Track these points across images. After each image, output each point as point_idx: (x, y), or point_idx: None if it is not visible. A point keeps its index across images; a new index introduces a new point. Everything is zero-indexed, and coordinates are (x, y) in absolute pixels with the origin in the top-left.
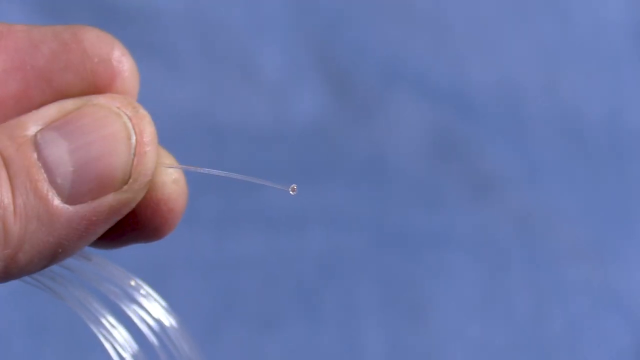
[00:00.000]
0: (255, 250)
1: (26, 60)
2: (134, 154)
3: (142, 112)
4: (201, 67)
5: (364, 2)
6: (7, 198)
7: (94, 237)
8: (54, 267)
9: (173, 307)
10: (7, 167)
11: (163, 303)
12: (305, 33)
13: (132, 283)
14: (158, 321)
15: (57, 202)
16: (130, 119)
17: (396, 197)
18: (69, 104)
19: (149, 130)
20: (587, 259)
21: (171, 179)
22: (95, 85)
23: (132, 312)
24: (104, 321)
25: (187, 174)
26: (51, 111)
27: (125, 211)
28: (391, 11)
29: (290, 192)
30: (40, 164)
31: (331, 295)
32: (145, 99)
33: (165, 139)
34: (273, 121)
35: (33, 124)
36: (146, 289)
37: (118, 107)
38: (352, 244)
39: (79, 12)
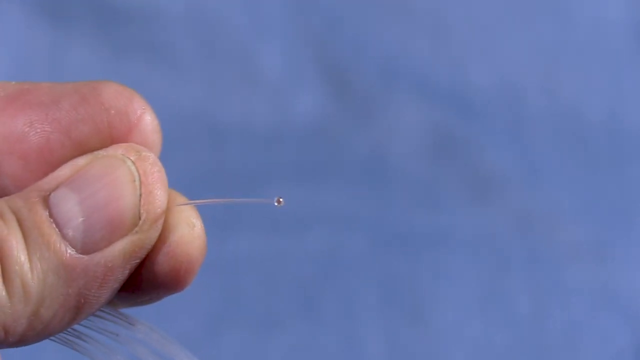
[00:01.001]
0: (255, 250)
1: (48, 114)
2: (140, 195)
3: (146, 154)
4: (201, 67)
5: (364, 2)
6: (23, 256)
7: (116, 285)
8: (100, 337)
9: (173, 307)
10: (21, 226)
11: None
12: (305, 33)
13: (182, 355)
14: None
15: (71, 253)
16: (133, 162)
17: (396, 197)
18: (81, 161)
19: (153, 170)
20: (587, 259)
21: (186, 222)
22: (112, 137)
23: None
24: None
25: (186, 175)
26: (65, 171)
27: (142, 254)
28: (391, 11)
29: (276, 204)
30: (51, 220)
31: (331, 295)
32: (145, 99)
33: (165, 139)
34: (273, 121)
35: (47, 184)
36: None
37: (122, 154)
38: (352, 244)
39: (79, 12)
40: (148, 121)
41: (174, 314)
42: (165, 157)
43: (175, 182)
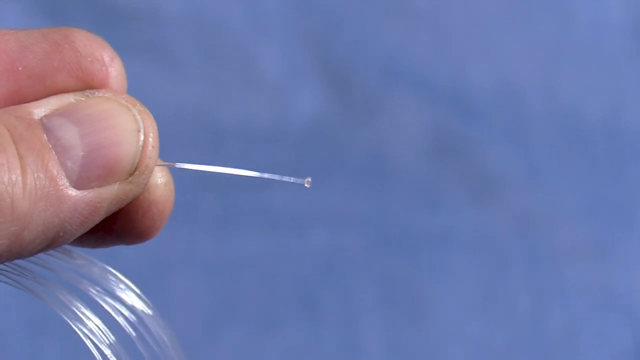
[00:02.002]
0: (255, 250)
1: (16, 62)
2: (142, 147)
3: (147, 109)
4: (201, 67)
5: (363, 2)
6: (17, 175)
7: (92, 225)
8: (40, 269)
9: (173, 307)
10: (16, 145)
11: (137, 290)
12: (305, 33)
13: (107, 275)
14: (132, 309)
15: (66, 184)
16: (139, 112)
17: (396, 197)
18: (70, 96)
19: (155, 128)
20: (587, 259)
21: (162, 182)
22: (89, 84)
23: (105, 302)
24: (78, 313)
25: (186, 174)
26: (52, 101)
27: (125, 203)
28: (391, 11)
29: (306, 185)
30: (50, 146)
31: (331, 295)
32: (145, 99)
33: (165, 139)
34: (273, 121)
35: (36, 109)
36: (120, 277)
37: (126, 101)
38: (352, 244)
39: (79, 12)
40: (118, 67)
41: (173, 313)
42: (165, 157)
43: (175, 182)
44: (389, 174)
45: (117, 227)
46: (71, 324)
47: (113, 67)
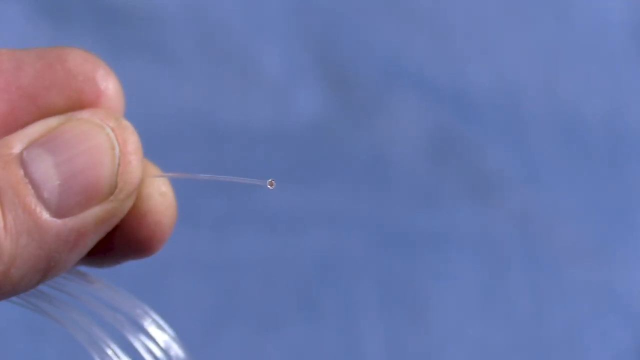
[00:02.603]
0: (255, 250)
1: (10, 81)
2: (119, 164)
3: (125, 123)
4: (201, 67)
5: (364, 2)
6: None
7: (85, 250)
8: (55, 293)
9: (173, 307)
10: None
11: (171, 332)
12: (305, 33)
13: (139, 310)
14: (165, 352)
15: (45, 215)
16: (112, 129)
17: (396, 197)
18: (53, 121)
19: (131, 140)
20: (587, 259)
21: (158, 192)
22: (80, 103)
23: (136, 340)
24: (106, 349)
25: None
26: (36, 128)
27: (114, 222)
28: (391, 11)
29: (268, 187)
30: (27, 180)
31: (331, 295)
32: (145, 99)
33: (165, 139)
34: (273, 121)
35: (18, 142)
36: (153, 316)
37: (100, 120)
38: (352, 244)
39: (79, 12)
40: (113, 86)
41: (173, 314)
42: (165, 157)
43: (176, 182)
44: (389, 174)
45: (117, 243)
46: (90, 350)
47: (107, 85)
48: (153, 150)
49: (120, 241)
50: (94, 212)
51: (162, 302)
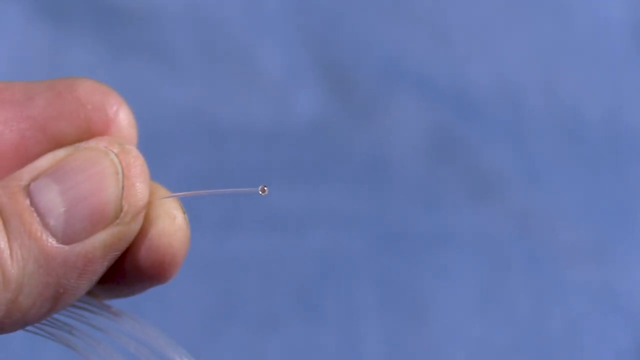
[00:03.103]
0: (255, 250)
1: (22, 112)
2: (123, 187)
3: (129, 147)
4: (201, 67)
5: (364, 2)
6: (3, 242)
7: (95, 276)
8: (80, 325)
9: (173, 307)
10: (1, 214)
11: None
12: (305, 33)
13: (163, 343)
14: None
15: (52, 242)
16: (116, 155)
17: (396, 197)
18: (61, 152)
19: (136, 163)
20: (587, 259)
21: (167, 214)
22: (90, 132)
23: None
24: None
25: (186, 173)
26: (43, 161)
27: (122, 246)
28: (391, 11)
29: (260, 193)
30: (32, 209)
31: (331, 295)
32: (145, 99)
33: (165, 139)
34: (273, 121)
35: (27, 174)
36: (180, 350)
37: (105, 147)
38: (352, 244)
39: (79, 12)
40: (124, 116)
41: (173, 314)
42: (165, 157)
43: (175, 182)
44: (389, 174)
45: (127, 269)
46: None
47: (117, 114)
48: (153, 151)
49: (131, 267)
50: (101, 237)
51: (162, 301)
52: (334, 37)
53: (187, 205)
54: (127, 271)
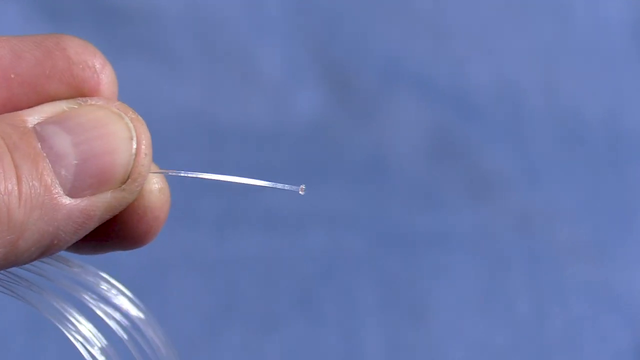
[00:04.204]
0: (255, 250)
1: (9, 69)
2: (135, 154)
3: (140, 117)
4: (201, 67)
5: (364, 2)
6: (12, 184)
7: (86, 233)
8: (31, 276)
9: (173, 307)
10: (11, 153)
11: (130, 294)
12: (305, 33)
13: (101, 281)
14: (125, 314)
15: (60, 193)
16: (131, 120)
17: (396, 197)
18: (62, 104)
19: (147, 135)
20: (587, 259)
21: (157, 188)
22: (81, 91)
23: (97, 306)
24: (69, 317)
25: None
26: (46, 108)
27: (118, 210)
28: (391, 11)
29: (300, 192)
30: (44, 154)
31: (331, 295)
32: (145, 99)
33: (165, 139)
34: (273, 121)
35: (30, 116)
36: (112, 281)
37: (118, 109)
38: (352, 244)
39: (79, 12)
40: (110, 75)
41: (173, 314)
42: (165, 157)
43: (175, 182)
44: (389, 174)
45: (113, 233)
46: (65, 331)
47: (104, 74)
48: (153, 150)
49: (117, 232)
50: (105, 198)
51: (162, 301)
52: (334, 37)
53: (188, 205)
54: (109, 234)
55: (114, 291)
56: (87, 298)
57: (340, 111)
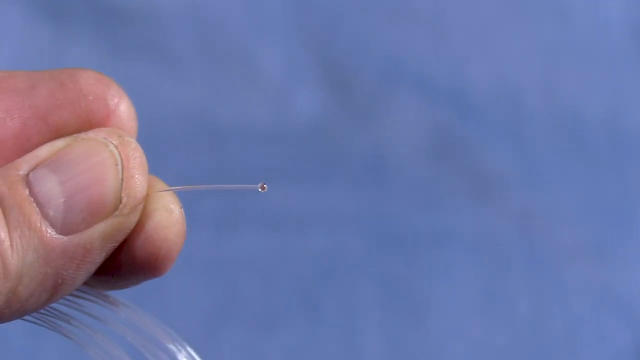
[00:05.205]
0: (255, 250)
1: (24, 101)
2: (122, 179)
3: (128, 139)
4: (201, 67)
5: (364, 2)
6: (3, 233)
7: (92, 267)
8: (78, 314)
9: (173, 307)
10: (1, 204)
11: (189, 350)
12: (305, 33)
13: (161, 332)
14: None
15: (51, 233)
16: (116, 146)
17: (396, 197)
18: (59, 143)
19: (135, 155)
20: (587, 259)
21: (164, 208)
22: (90, 123)
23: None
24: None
25: (186, 173)
26: (42, 151)
27: (120, 237)
28: (391, 11)
29: (260, 190)
30: (31, 199)
31: (331, 295)
32: (145, 99)
33: (165, 139)
34: (273, 121)
35: (25, 164)
36: (179, 341)
37: (104, 138)
38: (352, 244)
39: (79, 12)
40: (125, 107)
41: (173, 314)
42: (165, 157)
43: (175, 182)
44: (389, 174)
45: (124, 261)
46: None
47: (118, 106)
48: (153, 151)
49: (126, 259)
50: (100, 228)
51: (162, 301)
52: (334, 37)
53: (188, 204)
54: (122, 263)
55: (168, 342)
56: (141, 346)
57: (340, 111)
